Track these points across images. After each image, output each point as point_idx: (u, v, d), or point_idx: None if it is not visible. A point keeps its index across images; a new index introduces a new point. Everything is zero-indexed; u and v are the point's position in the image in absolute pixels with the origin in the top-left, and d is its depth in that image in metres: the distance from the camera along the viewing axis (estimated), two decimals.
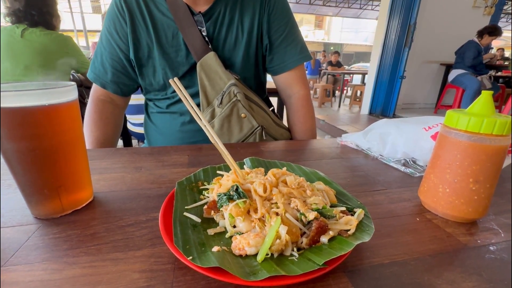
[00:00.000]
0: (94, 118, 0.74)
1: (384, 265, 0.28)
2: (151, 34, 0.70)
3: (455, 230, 0.35)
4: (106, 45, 0.73)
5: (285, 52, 0.77)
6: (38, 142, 0.31)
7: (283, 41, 0.76)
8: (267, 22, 0.74)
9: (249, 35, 0.73)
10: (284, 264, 0.26)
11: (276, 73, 0.81)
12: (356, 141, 0.66)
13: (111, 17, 0.71)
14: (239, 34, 0.73)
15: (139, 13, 0.69)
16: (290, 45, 0.77)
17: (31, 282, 0.25)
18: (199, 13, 0.70)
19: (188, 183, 0.40)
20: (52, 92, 0.31)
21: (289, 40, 0.77)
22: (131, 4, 0.69)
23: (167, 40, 0.70)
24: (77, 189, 0.37)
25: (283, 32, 0.76)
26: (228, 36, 0.73)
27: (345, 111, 5.02)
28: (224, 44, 0.73)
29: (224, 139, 0.71)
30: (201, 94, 0.71)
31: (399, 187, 0.47)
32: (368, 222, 0.32)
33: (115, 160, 0.54)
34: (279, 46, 0.76)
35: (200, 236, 0.30)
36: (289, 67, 0.78)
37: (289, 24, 0.76)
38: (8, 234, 0.31)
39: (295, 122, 0.83)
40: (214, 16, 0.71)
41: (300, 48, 0.78)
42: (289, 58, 0.77)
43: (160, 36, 0.70)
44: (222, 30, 0.72)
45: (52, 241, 0.30)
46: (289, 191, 0.33)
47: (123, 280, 0.25)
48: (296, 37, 0.78)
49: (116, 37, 0.71)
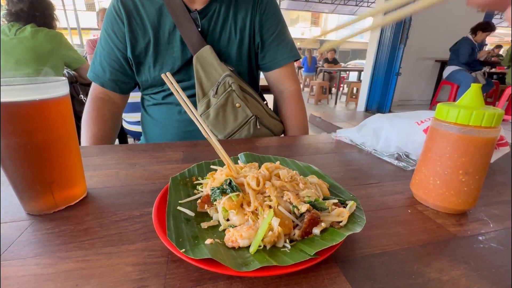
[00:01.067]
0: (92, 116, 0.76)
1: (375, 255, 0.29)
2: (148, 32, 0.72)
3: (446, 221, 0.36)
4: (104, 45, 0.75)
5: (277, 50, 0.81)
6: (29, 138, 0.30)
7: (274, 39, 0.80)
8: (259, 22, 0.78)
9: (242, 33, 0.77)
10: (276, 255, 0.26)
11: (268, 70, 0.85)
12: (350, 136, 0.66)
13: (109, 18, 0.73)
14: (232, 32, 0.76)
15: (135, 12, 0.72)
16: (281, 44, 0.81)
17: (24, 276, 0.25)
18: (195, 11, 0.72)
19: (182, 178, 0.40)
20: (43, 87, 0.30)
21: (280, 39, 0.81)
22: (127, 4, 0.72)
23: (163, 37, 0.73)
24: (70, 185, 0.36)
25: (274, 31, 0.80)
26: (222, 33, 0.76)
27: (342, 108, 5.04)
28: (219, 40, 0.76)
29: (219, 128, 0.72)
30: (197, 86, 0.74)
31: (392, 180, 0.47)
32: (360, 214, 0.32)
33: (109, 157, 0.54)
34: (271, 44, 0.81)
35: (193, 230, 0.30)
36: (280, 64, 0.83)
37: (280, 24, 0.81)
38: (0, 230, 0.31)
39: (288, 116, 0.86)
40: (209, 14, 0.74)
41: (291, 47, 0.83)
42: (280, 55, 0.82)
43: (157, 34, 0.72)
44: (217, 27, 0.75)
45: (45, 236, 0.30)
46: (282, 184, 0.34)
47: (116, 273, 0.25)
48: (286, 36, 0.83)
49: (114, 37, 0.73)
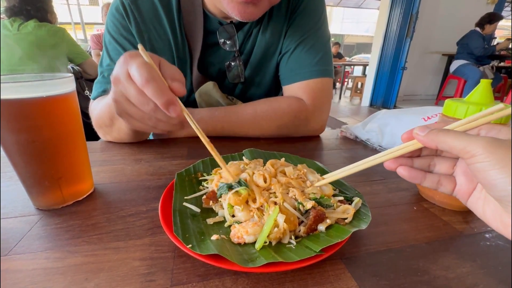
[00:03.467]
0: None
1: (380, 252, 0.29)
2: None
3: (452, 218, 0.36)
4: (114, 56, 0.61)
5: (298, 60, 0.64)
6: (36, 134, 0.31)
7: (297, 47, 0.64)
8: (287, 27, 0.65)
9: (274, 53, 0.67)
10: (282, 252, 0.27)
11: (283, 84, 0.69)
12: (355, 132, 0.66)
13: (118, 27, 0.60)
14: (266, 49, 0.66)
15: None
16: (305, 53, 0.64)
17: (34, 270, 0.26)
18: (231, 23, 0.62)
19: (187, 174, 0.41)
20: (50, 83, 0.31)
21: (305, 48, 0.64)
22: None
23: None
24: (78, 181, 0.37)
25: (301, 37, 0.64)
26: (256, 50, 0.66)
27: (346, 104, 5.00)
28: (250, 57, 0.67)
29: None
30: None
31: (397, 177, 0.46)
32: (365, 211, 0.32)
33: (114, 152, 0.54)
34: (293, 52, 0.65)
35: (199, 225, 0.30)
36: (296, 78, 0.65)
37: (311, 29, 0.64)
38: (10, 224, 0.32)
39: None
40: (245, 28, 0.64)
41: (319, 59, 0.64)
42: (300, 68, 0.64)
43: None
44: (249, 43, 0.65)
45: (54, 231, 0.31)
46: (288, 180, 0.34)
47: (124, 267, 0.26)
48: (316, 46, 0.64)
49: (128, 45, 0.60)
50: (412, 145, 0.26)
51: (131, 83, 0.30)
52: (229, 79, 0.67)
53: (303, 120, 0.64)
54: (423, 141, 0.24)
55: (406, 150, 0.26)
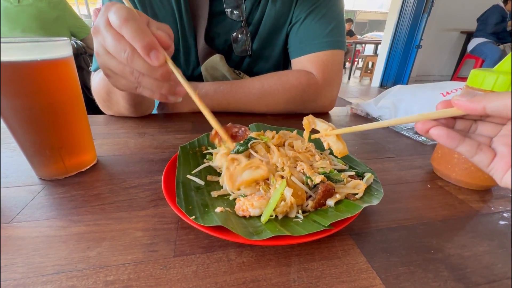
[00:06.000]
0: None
1: (391, 228, 0.28)
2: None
3: (468, 197, 0.34)
4: None
5: (307, 31, 0.60)
6: (33, 100, 0.29)
7: (307, 17, 0.59)
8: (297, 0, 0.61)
9: (284, 23, 0.62)
10: (288, 225, 0.25)
11: (292, 57, 0.65)
12: (366, 109, 0.63)
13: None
14: (276, 20, 0.62)
15: None
16: (318, 22, 0.59)
17: (37, 237, 0.25)
18: None
19: (191, 148, 0.39)
20: (45, 46, 0.29)
21: (316, 18, 0.59)
22: None
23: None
24: (79, 151, 0.36)
25: (311, 6, 0.59)
26: (266, 20, 0.62)
27: (355, 84, 4.85)
28: (258, 28, 0.62)
29: None
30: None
31: (411, 155, 0.45)
32: (377, 187, 0.31)
33: (118, 126, 0.53)
34: (302, 23, 0.60)
35: (203, 198, 0.30)
36: (307, 50, 0.61)
37: (321, 1, 0.60)
38: (13, 193, 0.32)
39: None
40: None
41: (330, 30, 0.59)
42: (309, 39, 0.60)
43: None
44: (258, 12, 0.61)
45: (57, 201, 0.31)
46: (295, 154, 0.32)
47: (126, 237, 0.25)
48: (327, 16, 0.60)
49: None
50: (450, 111, 0.22)
51: (109, 29, 0.28)
52: (235, 52, 0.64)
53: (312, 95, 0.61)
54: (466, 106, 0.21)
55: (442, 114, 0.23)
